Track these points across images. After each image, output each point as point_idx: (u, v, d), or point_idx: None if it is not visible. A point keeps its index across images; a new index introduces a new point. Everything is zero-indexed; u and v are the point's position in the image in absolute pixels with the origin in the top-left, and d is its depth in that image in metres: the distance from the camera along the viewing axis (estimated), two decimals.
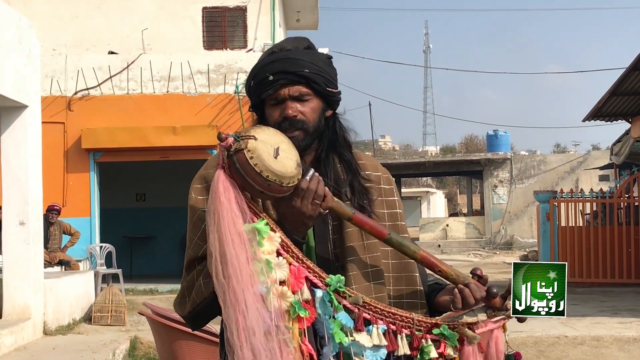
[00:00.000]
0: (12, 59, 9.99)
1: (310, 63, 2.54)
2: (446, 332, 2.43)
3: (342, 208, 2.44)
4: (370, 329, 2.37)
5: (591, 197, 18.01)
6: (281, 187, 2.26)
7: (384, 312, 2.39)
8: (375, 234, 2.50)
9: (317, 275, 2.34)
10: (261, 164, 2.22)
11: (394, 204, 2.72)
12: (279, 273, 2.28)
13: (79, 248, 15.83)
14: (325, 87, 2.55)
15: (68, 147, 16.83)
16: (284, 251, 2.32)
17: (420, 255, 2.53)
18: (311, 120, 2.55)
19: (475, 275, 2.53)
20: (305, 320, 2.29)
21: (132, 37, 19.07)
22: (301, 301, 2.29)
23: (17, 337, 9.65)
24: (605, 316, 12.57)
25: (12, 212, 10.27)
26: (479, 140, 69.07)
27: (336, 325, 2.31)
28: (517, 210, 36.05)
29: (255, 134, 2.27)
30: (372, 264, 2.56)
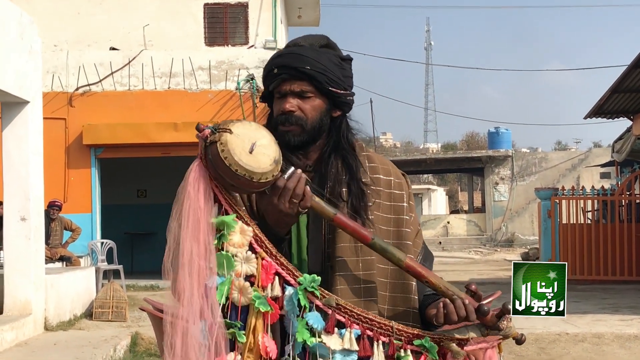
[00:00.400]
0: (14, 55, 9.99)
1: (315, 60, 2.52)
2: (427, 344, 2.38)
3: (323, 208, 2.40)
4: (342, 332, 2.33)
5: (593, 194, 18.01)
6: (251, 181, 2.26)
7: (361, 316, 2.35)
8: (358, 237, 2.44)
9: (290, 272, 2.33)
10: (230, 158, 2.23)
11: (401, 210, 2.67)
12: (245, 267, 2.29)
13: (80, 244, 15.83)
14: (327, 86, 2.53)
15: (69, 143, 16.83)
16: (258, 245, 2.32)
17: (405, 264, 2.45)
18: (310, 117, 2.53)
19: (470, 290, 2.43)
20: (269, 316, 2.29)
21: (134, 34, 19.06)
22: (268, 297, 2.29)
23: (18, 332, 9.65)
24: (606, 313, 12.57)
25: (13, 208, 10.26)
26: (480, 137, 69.05)
27: (300, 325, 2.29)
28: (518, 207, 36.09)
29: (232, 128, 2.28)
30: (365, 281, 2.52)
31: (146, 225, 20.89)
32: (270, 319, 2.30)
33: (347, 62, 2.63)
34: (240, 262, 2.29)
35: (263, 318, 2.28)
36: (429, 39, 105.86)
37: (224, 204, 2.32)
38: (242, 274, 2.28)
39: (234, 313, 2.29)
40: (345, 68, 2.60)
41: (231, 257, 2.27)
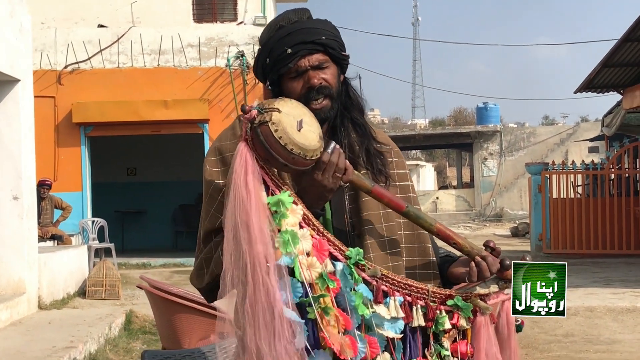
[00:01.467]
0: (4, 34, 9.91)
1: (324, 30, 2.54)
2: (460, 303, 2.44)
3: (362, 181, 2.44)
4: (387, 301, 2.36)
5: (583, 168, 18.06)
6: (305, 160, 2.24)
7: (401, 284, 2.40)
8: (393, 206, 2.50)
9: (337, 248, 2.33)
10: (285, 137, 2.20)
11: (407, 189, 2.72)
12: (304, 244, 2.27)
13: (70, 223, 15.80)
14: (340, 51, 2.56)
15: (58, 122, 16.75)
16: (305, 224, 2.30)
17: (436, 227, 2.53)
18: (334, 86, 2.54)
19: (488, 247, 2.52)
20: (332, 291, 2.28)
21: (122, 10, 18.93)
22: (327, 272, 2.28)
23: (13, 311, 9.63)
24: (597, 287, 12.66)
25: (5, 187, 10.21)
26: (468, 112, 69.13)
27: (358, 298, 2.30)
28: (506, 182, 36.18)
29: (279, 107, 2.24)
30: (389, 233, 2.56)
31: (136, 203, 20.88)
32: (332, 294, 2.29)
33: None
34: (300, 239, 2.26)
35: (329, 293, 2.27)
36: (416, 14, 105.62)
37: (271, 185, 2.28)
38: (304, 251, 2.27)
39: (305, 291, 2.25)
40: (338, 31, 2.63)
41: (296, 234, 2.24)
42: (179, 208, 20.36)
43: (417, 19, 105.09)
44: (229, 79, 16.78)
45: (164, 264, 16.37)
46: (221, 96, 16.70)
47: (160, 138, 18.99)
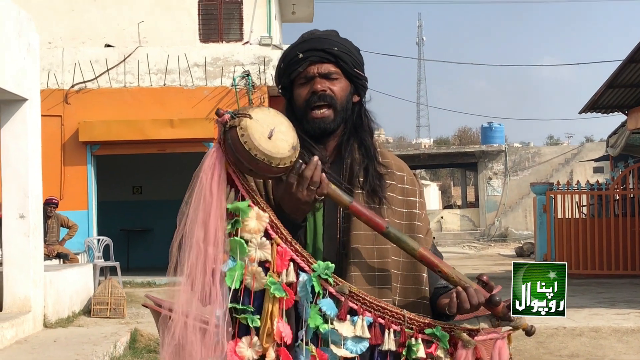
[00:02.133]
0: (12, 53, 9.98)
1: (339, 43, 2.60)
2: (439, 333, 2.40)
3: (339, 196, 2.43)
4: (355, 320, 2.36)
5: (587, 189, 18.06)
6: (270, 166, 2.29)
7: (373, 304, 2.38)
8: (373, 225, 2.46)
9: (304, 259, 2.35)
10: (250, 142, 2.26)
11: (414, 205, 2.70)
12: (259, 253, 2.32)
13: (76, 241, 15.83)
14: (352, 67, 2.60)
15: (65, 140, 16.83)
16: (273, 232, 2.34)
17: (419, 253, 2.47)
18: (339, 98, 2.58)
19: (481, 281, 2.45)
20: (284, 301, 2.31)
21: (129, 30, 19.03)
22: (283, 283, 2.31)
23: (18, 329, 9.65)
24: (602, 307, 12.62)
25: (12, 205, 10.26)
26: (472, 132, 69.10)
27: (313, 311, 2.32)
28: (511, 202, 36.13)
29: (251, 113, 2.31)
30: (380, 269, 2.55)
31: (142, 222, 20.90)
32: (285, 305, 2.33)
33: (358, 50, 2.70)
34: (255, 247, 2.32)
35: (279, 303, 2.31)
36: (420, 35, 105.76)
37: (241, 190, 2.35)
38: (257, 259, 2.31)
39: (247, 298, 2.32)
40: (362, 56, 2.67)
41: (243, 243, 2.31)
42: None
43: (421, 39, 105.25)
44: (234, 98, 16.86)
45: (169, 282, 16.33)
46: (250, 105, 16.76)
47: (166, 157, 19.06)
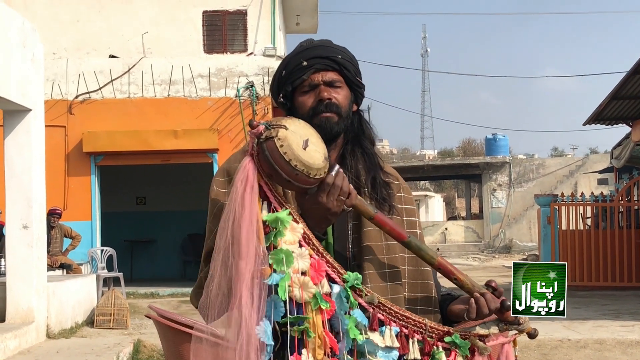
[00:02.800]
0: (16, 63, 9.99)
1: (342, 51, 2.62)
2: (458, 341, 2.43)
3: (365, 207, 2.45)
4: (383, 330, 2.36)
5: (592, 200, 18.02)
6: (308, 178, 2.27)
7: (398, 314, 2.39)
8: (395, 235, 2.49)
9: (335, 270, 2.34)
10: (290, 153, 2.24)
11: (413, 213, 2.74)
12: (301, 264, 2.29)
13: (80, 251, 15.83)
14: (355, 75, 2.62)
15: (69, 151, 16.84)
16: (305, 243, 2.32)
17: (437, 261, 2.52)
18: (343, 106, 2.58)
19: (490, 287, 2.51)
20: (325, 312, 2.29)
21: (133, 41, 19.07)
22: (322, 293, 2.29)
23: (21, 340, 9.64)
24: (607, 319, 12.59)
25: (15, 215, 10.25)
26: (477, 143, 69.12)
27: (351, 322, 2.31)
28: (515, 214, 36.09)
29: (286, 124, 2.29)
30: (390, 265, 2.57)
31: (145, 232, 20.90)
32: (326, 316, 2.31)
33: None
34: (296, 258, 2.29)
35: (321, 315, 2.29)
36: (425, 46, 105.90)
37: (273, 202, 2.32)
38: (299, 270, 2.29)
39: (292, 310, 2.27)
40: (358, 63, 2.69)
41: (291, 253, 2.27)
42: (188, 238, 20.36)
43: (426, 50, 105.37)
44: (238, 109, 16.86)
45: (172, 293, 16.37)
46: (231, 126, 16.78)
47: (170, 168, 19.07)
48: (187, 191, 20.32)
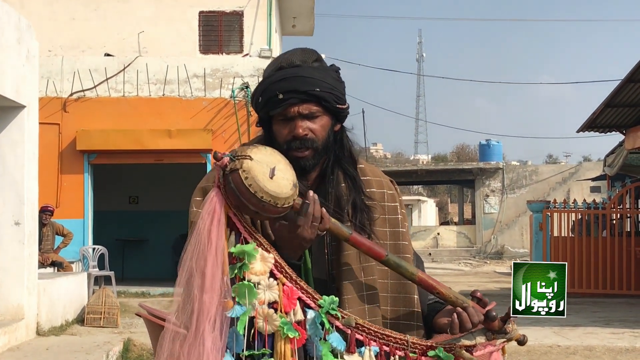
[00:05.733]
0: (11, 59, 9.99)
1: (321, 81, 2.48)
2: (442, 354, 2.41)
3: (340, 229, 2.41)
4: (362, 351, 2.36)
5: (584, 207, 18.06)
6: (276, 207, 2.25)
7: (378, 333, 2.38)
8: (373, 255, 2.46)
9: (310, 296, 2.34)
10: (255, 185, 2.22)
11: (396, 222, 2.67)
12: (268, 294, 2.29)
13: (71, 249, 15.80)
14: (335, 104, 2.51)
15: (63, 149, 16.82)
16: (278, 271, 2.32)
17: (418, 277, 2.49)
18: (321, 138, 2.51)
19: (475, 297, 2.49)
20: (295, 341, 2.30)
21: (129, 40, 19.08)
22: (293, 322, 2.30)
23: (10, 337, 9.62)
24: (597, 326, 12.61)
25: (7, 212, 10.24)
26: (470, 149, 69.22)
27: (325, 348, 2.31)
28: (508, 220, 36.13)
29: (251, 154, 2.26)
30: (368, 287, 2.53)
31: (137, 232, 20.89)
32: (296, 344, 2.32)
33: (339, 73, 2.60)
34: (263, 289, 2.29)
35: (290, 343, 2.30)
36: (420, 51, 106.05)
37: (243, 233, 2.31)
38: (265, 301, 2.29)
39: (260, 342, 2.29)
40: (342, 81, 2.57)
41: (253, 286, 2.27)
42: (180, 237, 20.29)
43: (421, 55, 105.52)
44: (233, 110, 16.86)
45: (163, 293, 16.34)
46: (225, 127, 16.78)
47: (163, 167, 19.06)
48: (179, 191, 20.18)
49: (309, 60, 2.53)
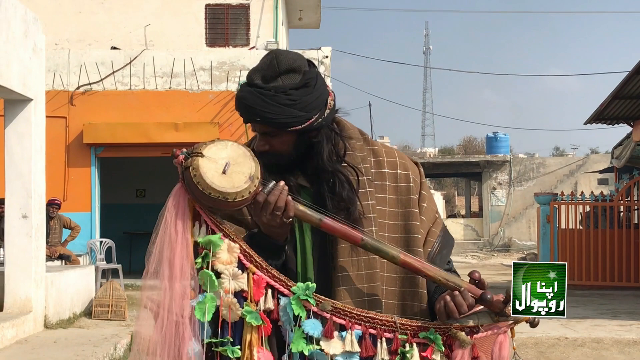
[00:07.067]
0: (18, 52, 10.00)
1: (263, 111, 2.43)
2: (432, 335, 2.38)
3: (308, 216, 2.40)
4: (343, 335, 2.34)
5: (592, 200, 18.02)
6: (227, 202, 2.30)
7: (361, 316, 2.35)
8: (348, 239, 2.43)
9: (283, 283, 2.35)
10: (203, 182, 2.28)
11: (408, 203, 2.64)
12: (233, 284, 2.32)
13: (79, 243, 15.83)
14: (285, 127, 2.45)
15: (70, 142, 16.83)
16: (247, 261, 2.34)
17: (401, 260, 2.42)
18: (281, 150, 2.51)
19: (472, 278, 2.43)
20: (262, 329, 2.32)
21: (135, 33, 19.09)
22: (260, 310, 2.31)
23: (19, 330, 9.65)
24: (605, 319, 12.61)
25: (15, 205, 10.26)
26: (477, 142, 69.09)
27: (297, 334, 2.32)
28: (515, 212, 36.09)
29: (204, 151, 2.32)
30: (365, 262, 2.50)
31: (145, 225, 20.83)
32: (264, 332, 2.33)
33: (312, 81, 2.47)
34: (228, 278, 2.32)
35: (257, 332, 2.32)
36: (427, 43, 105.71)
37: (210, 224, 2.36)
38: (231, 290, 2.32)
39: (226, 330, 2.33)
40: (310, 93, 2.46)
41: (212, 275, 2.31)
42: None
43: (428, 47, 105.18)
44: None
45: None
46: (231, 120, 16.77)
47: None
48: None
49: (271, 76, 2.46)
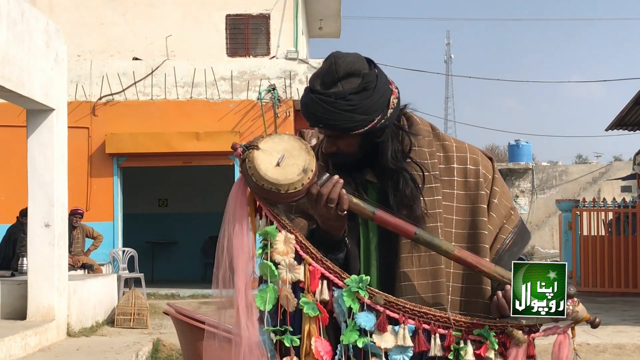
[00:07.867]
0: (40, 63, 10.10)
1: (326, 117, 2.49)
2: (485, 333, 2.38)
3: (362, 209, 2.44)
4: (396, 329, 2.36)
5: (614, 206, 17.93)
6: (279, 193, 2.36)
7: (415, 311, 2.37)
8: (401, 232, 2.45)
9: (337, 275, 2.39)
10: (257, 174, 2.35)
11: (476, 198, 2.64)
12: (289, 275, 2.37)
13: (101, 252, 15.94)
14: (349, 132, 2.51)
15: (92, 152, 16.96)
16: (304, 252, 2.39)
17: (454, 255, 2.43)
18: (348, 151, 2.58)
19: None
20: (319, 319, 2.37)
21: (156, 44, 19.19)
22: (317, 301, 2.36)
23: (42, 338, 9.73)
24: (627, 325, 12.52)
25: (37, 214, 10.35)
26: (500, 150, 68.79)
27: (350, 326, 2.35)
28: (538, 220, 35.92)
29: (260, 144, 2.40)
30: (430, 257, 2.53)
31: (167, 234, 21.00)
32: (322, 323, 2.38)
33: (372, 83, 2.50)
34: (285, 269, 2.38)
35: (316, 322, 2.37)
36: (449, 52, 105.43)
37: (268, 215, 2.41)
38: (288, 280, 2.38)
39: (285, 319, 2.39)
40: (370, 97, 2.49)
41: (272, 266, 2.37)
42: (209, 240, 20.37)
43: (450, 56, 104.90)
44: (260, 112, 16.93)
45: (192, 295, 16.41)
46: (252, 129, 16.84)
47: (192, 170, 19.17)
48: (208, 193, 20.35)
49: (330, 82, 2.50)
